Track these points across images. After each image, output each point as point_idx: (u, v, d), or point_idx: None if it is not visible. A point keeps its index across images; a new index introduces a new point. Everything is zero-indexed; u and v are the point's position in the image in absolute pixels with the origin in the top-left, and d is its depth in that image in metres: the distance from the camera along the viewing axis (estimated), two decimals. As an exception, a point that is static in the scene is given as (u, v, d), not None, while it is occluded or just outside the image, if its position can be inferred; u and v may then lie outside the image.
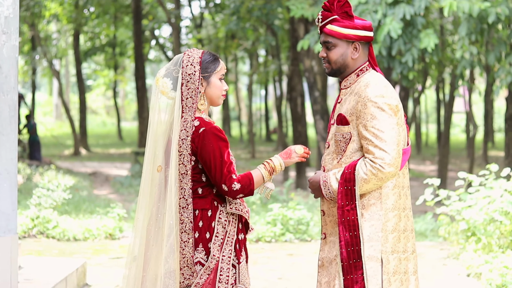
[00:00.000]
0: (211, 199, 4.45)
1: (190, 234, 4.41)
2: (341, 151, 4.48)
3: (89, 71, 51.35)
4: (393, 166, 4.31)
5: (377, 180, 4.32)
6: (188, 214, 4.42)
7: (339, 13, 4.50)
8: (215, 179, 4.38)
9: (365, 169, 4.31)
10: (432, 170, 26.58)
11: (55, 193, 11.19)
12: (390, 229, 4.41)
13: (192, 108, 4.46)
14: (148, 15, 32.11)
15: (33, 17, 28.73)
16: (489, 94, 28.32)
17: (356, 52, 4.52)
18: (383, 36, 12.32)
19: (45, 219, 10.94)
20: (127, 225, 11.84)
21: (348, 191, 4.36)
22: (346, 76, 4.58)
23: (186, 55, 4.53)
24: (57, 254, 9.75)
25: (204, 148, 4.37)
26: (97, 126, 53.01)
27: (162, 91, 4.53)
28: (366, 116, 4.35)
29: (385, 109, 4.34)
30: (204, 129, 4.40)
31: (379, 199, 4.40)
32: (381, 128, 4.32)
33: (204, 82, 4.51)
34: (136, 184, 18.42)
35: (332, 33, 4.51)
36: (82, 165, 26.22)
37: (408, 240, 4.47)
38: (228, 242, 4.44)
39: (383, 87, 4.40)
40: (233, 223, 4.48)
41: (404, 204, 4.48)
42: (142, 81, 28.56)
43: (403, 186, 4.48)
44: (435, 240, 10.91)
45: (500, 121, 45.36)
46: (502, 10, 11.97)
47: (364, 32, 4.50)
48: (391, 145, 4.31)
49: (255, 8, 19.65)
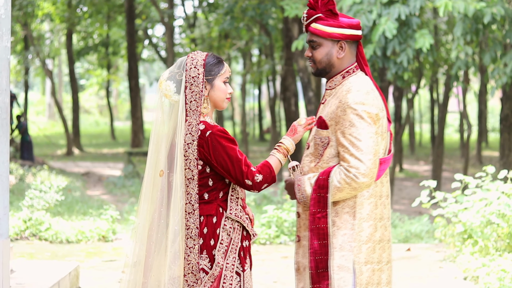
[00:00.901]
0: (217, 205, 4.39)
1: (196, 240, 4.35)
2: (319, 155, 4.38)
3: (82, 71, 51.20)
4: (367, 177, 4.19)
5: (350, 189, 4.21)
6: (194, 220, 4.35)
7: (323, 11, 4.38)
8: (236, 178, 4.33)
9: (339, 177, 4.20)
10: (426, 170, 26.55)
11: (47, 195, 11.08)
12: (364, 239, 4.29)
13: (197, 111, 4.38)
14: (141, 15, 32.01)
15: (26, 16, 28.61)
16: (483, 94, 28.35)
17: (342, 51, 4.39)
18: (378, 36, 12.24)
19: (37, 221, 10.84)
20: (120, 227, 11.74)
21: (321, 198, 4.25)
22: (332, 76, 4.45)
23: (190, 57, 4.45)
24: (49, 256, 9.65)
25: (216, 152, 4.31)
26: (90, 125, 52.88)
27: (166, 94, 4.46)
28: (345, 122, 4.24)
29: (364, 117, 4.22)
30: (211, 132, 4.33)
31: (353, 208, 4.29)
32: (359, 136, 4.20)
33: (208, 85, 4.44)
34: (129, 185, 18.32)
35: (316, 32, 4.39)
36: (75, 165, 26.12)
37: (384, 251, 4.37)
38: (232, 249, 4.38)
39: (364, 93, 4.27)
40: (237, 230, 4.42)
41: (381, 214, 4.36)
42: (135, 80, 28.46)
43: (381, 196, 4.36)
44: (431, 242, 10.84)
45: (493, 120, 45.35)
46: (498, 10, 11.90)
47: (350, 31, 4.38)
48: (367, 154, 4.19)
49: (249, 8, 19.55)
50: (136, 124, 28.05)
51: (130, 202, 14.80)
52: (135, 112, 28.05)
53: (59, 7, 30.72)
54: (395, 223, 12.20)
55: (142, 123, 29.67)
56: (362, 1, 12.66)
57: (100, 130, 49.44)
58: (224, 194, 4.42)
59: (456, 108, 45.22)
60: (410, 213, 15.44)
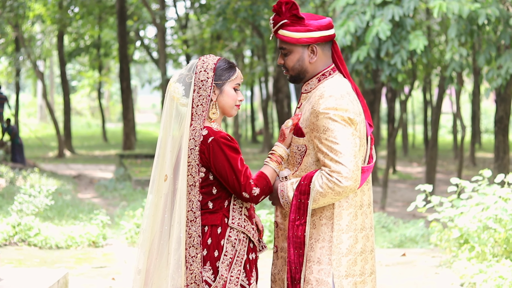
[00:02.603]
0: (222, 215, 4.21)
1: (199, 249, 4.17)
2: (297, 163, 4.19)
3: (74, 72, 51.05)
4: (351, 180, 3.97)
5: (334, 194, 3.99)
6: (196, 228, 4.18)
7: (287, 16, 4.16)
8: (234, 188, 4.15)
9: (321, 182, 4.00)
10: (419, 172, 26.44)
11: (37, 199, 10.90)
12: (344, 252, 4.09)
13: (202, 116, 4.22)
14: (133, 16, 31.87)
15: (17, 18, 28.44)
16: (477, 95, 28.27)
17: (314, 55, 4.18)
18: (372, 37, 12.13)
19: (26, 226, 10.65)
20: (110, 232, 11.57)
21: (301, 204, 4.05)
22: (307, 80, 4.25)
23: (201, 60, 4.29)
24: (38, 263, 9.47)
25: (216, 159, 4.14)
26: (82, 127, 52.70)
27: (174, 96, 4.29)
28: (319, 128, 4.03)
29: (338, 120, 4.00)
30: (213, 139, 4.16)
31: (330, 219, 4.09)
32: (335, 140, 3.99)
33: (217, 90, 4.26)
34: (120, 188, 18.15)
35: (284, 38, 4.18)
36: (67, 167, 25.95)
37: (367, 262, 4.17)
38: (237, 261, 4.20)
39: (337, 98, 4.05)
40: (243, 241, 4.25)
41: (363, 224, 4.16)
42: (127, 82, 28.28)
43: (362, 205, 4.16)
44: (426, 247, 10.69)
45: (486, 122, 45.31)
46: (493, 11, 11.79)
47: (319, 33, 4.16)
48: (348, 157, 3.97)
49: (241, 9, 19.44)
50: (128, 126, 27.88)
51: (122, 205, 14.63)
52: (126, 114, 27.85)
53: (49, 9, 30.56)
54: (390, 227, 12.06)
55: (134, 125, 29.53)
56: (355, 2, 12.56)
57: (92, 132, 49.26)
58: (229, 203, 4.26)
59: (449, 109, 45.19)
60: (404, 216, 15.29)
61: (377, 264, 9.27)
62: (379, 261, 9.48)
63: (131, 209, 13.06)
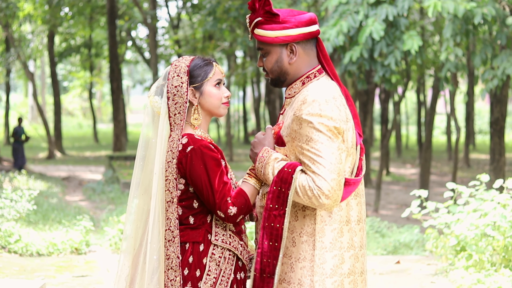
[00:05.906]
0: (204, 231, 3.81)
1: (178, 272, 3.77)
2: None
3: (65, 72, 50.72)
4: (329, 199, 3.54)
5: (309, 202, 3.56)
6: (174, 249, 3.78)
7: (261, 14, 3.74)
8: (208, 204, 3.76)
9: (304, 182, 3.55)
10: (413, 174, 26.20)
11: (18, 204, 10.53)
12: (328, 273, 3.65)
13: (180, 125, 3.81)
14: (124, 16, 31.57)
15: (7, 18, 28.11)
16: (471, 96, 27.97)
17: (294, 55, 3.74)
18: (365, 37, 11.82)
19: (6, 233, 10.25)
20: (94, 238, 11.21)
21: (281, 193, 3.60)
22: (290, 83, 3.81)
23: (174, 65, 3.89)
24: (17, 271, 9.07)
25: (193, 170, 3.74)
26: (73, 128, 52.41)
27: (157, 111, 3.90)
28: (302, 137, 3.61)
29: (323, 130, 3.57)
30: (192, 148, 3.76)
31: (312, 235, 3.67)
32: (318, 152, 3.56)
33: (197, 93, 3.86)
34: (108, 191, 17.81)
35: (259, 38, 3.76)
36: (56, 168, 25.66)
37: (356, 285, 3.72)
38: (222, 281, 3.79)
39: (320, 104, 3.60)
40: (230, 260, 3.83)
41: (351, 242, 3.71)
42: (118, 82, 27.90)
43: (349, 221, 3.71)
44: (421, 253, 10.34)
45: (480, 122, 45.09)
46: (489, 11, 11.47)
47: (299, 30, 3.72)
48: (330, 173, 3.54)
49: (232, 9, 19.09)
50: (118, 127, 27.48)
51: (108, 209, 14.28)
52: (117, 115, 27.43)
53: (38, 8, 30.21)
54: (383, 232, 11.73)
55: (125, 126, 29.16)
56: (348, 1, 12.28)
57: (83, 132, 48.97)
58: (212, 218, 3.85)
59: (443, 110, 44.95)
60: (398, 219, 14.99)
61: (370, 272, 8.92)
62: (372, 269, 9.12)
63: (117, 214, 12.71)
